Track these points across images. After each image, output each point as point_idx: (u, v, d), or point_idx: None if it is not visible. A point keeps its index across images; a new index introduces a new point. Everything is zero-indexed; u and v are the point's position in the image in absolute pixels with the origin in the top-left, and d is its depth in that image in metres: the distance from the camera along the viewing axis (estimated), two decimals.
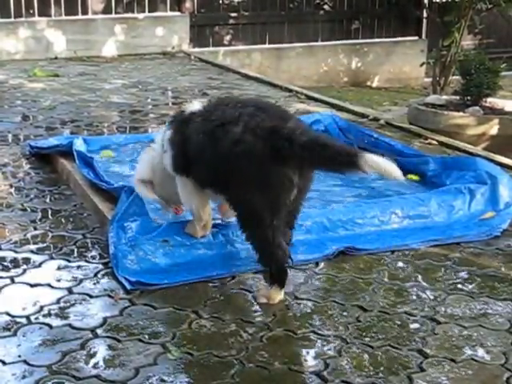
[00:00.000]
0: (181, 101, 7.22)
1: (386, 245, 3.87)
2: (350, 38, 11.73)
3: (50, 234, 3.97)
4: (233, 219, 3.56)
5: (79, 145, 5.03)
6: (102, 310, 3.18)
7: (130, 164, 5.05)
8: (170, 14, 10.55)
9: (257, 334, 2.99)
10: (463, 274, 3.60)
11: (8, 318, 3.08)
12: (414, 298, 3.34)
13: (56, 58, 9.66)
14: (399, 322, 3.11)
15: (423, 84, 11.64)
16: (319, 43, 11.47)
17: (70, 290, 3.34)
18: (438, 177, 4.76)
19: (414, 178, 4.87)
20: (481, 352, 2.90)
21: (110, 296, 3.29)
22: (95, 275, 3.49)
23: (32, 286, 3.38)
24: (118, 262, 3.50)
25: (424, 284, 3.48)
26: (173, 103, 7.24)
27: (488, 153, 5.54)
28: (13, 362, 2.76)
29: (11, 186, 4.72)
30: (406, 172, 4.88)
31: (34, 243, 3.85)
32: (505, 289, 3.45)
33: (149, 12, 10.40)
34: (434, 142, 5.85)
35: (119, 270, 3.46)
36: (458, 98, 7.38)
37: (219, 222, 3.85)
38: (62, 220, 4.17)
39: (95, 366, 2.76)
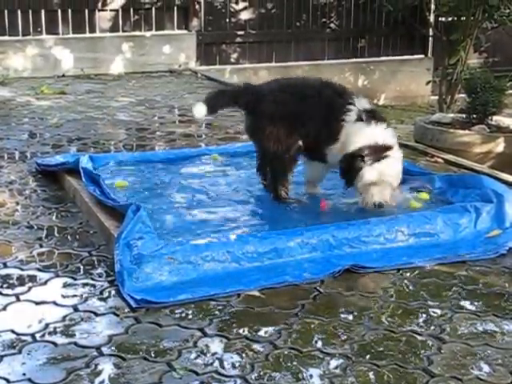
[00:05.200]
0: (187, 119, 7.26)
1: (392, 263, 3.87)
2: (357, 56, 11.76)
3: (56, 252, 3.97)
4: None
5: (86, 162, 5.05)
6: (108, 327, 3.17)
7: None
8: (177, 32, 10.61)
9: (262, 352, 2.99)
10: (469, 293, 3.58)
11: (13, 336, 3.07)
12: (420, 316, 3.33)
13: (63, 76, 9.71)
14: (405, 341, 3.10)
15: (429, 102, 11.65)
16: (326, 61, 11.50)
17: (75, 308, 3.33)
18: (444, 195, 4.76)
19: (425, 196, 4.78)
20: (487, 371, 2.88)
21: (115, 314, 3.29)
22: (101, 293, 3.49)
23: (37, 303, 3.38)
24: (124, 280, 3.50)
25: (430, 302, 3.47)
26: (179, 121, 7.26)
27: (494, 171, 5.54)
28: (17, 381, 2.75)
29: (17, 203, 4.73)
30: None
31: (40, 261, 3.85)
32: (511, 307, 3.44)
33: (156, 30, 10.47)
34: (440, 159, 5.85)
35: (125, 287, 3.46)
36: (463, 116, 7.38)
37: (225, 239, 3.87)
38: (68, 237, 4.17)
39: None
